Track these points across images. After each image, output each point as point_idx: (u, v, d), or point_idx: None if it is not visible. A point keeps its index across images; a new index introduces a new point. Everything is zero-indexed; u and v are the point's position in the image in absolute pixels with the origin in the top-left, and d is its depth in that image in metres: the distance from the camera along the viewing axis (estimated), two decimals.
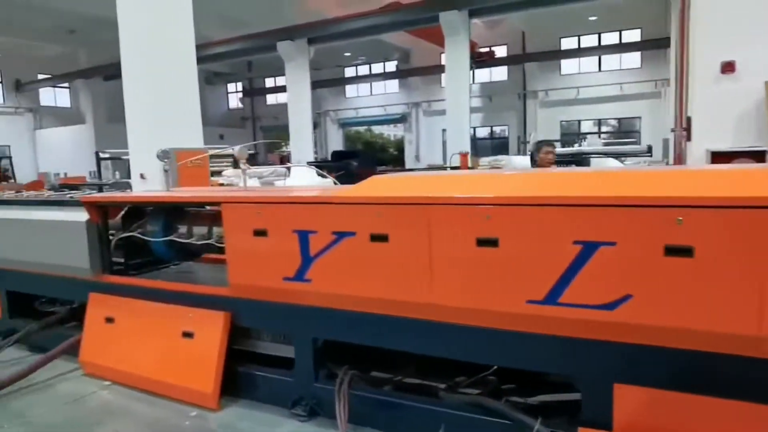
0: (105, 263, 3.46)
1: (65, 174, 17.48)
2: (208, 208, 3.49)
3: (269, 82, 30.75)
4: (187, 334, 3.00)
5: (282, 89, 30.03)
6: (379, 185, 2.54)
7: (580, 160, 9.00)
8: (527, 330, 2.22)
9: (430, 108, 27.40)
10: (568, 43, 23.93)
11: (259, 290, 2.81)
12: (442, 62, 25.89)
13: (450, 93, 17.68)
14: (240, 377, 2.99)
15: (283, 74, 28.97)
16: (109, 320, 3.34)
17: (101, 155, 11.76)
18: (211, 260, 3.77)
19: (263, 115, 31.13)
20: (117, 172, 12.06)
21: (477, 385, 2.74)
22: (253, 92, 31.51)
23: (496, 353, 2.35)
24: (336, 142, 29.25)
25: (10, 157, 17.35)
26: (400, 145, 30.05)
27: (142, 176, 7.05)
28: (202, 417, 2.86)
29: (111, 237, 3.55)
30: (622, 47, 22.71)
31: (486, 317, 2.25)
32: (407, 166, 25.23)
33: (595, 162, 10.80)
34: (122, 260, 3.63)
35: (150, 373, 3.12)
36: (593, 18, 21.83)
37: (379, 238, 2.39)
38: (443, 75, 26.49)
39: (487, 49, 24.41)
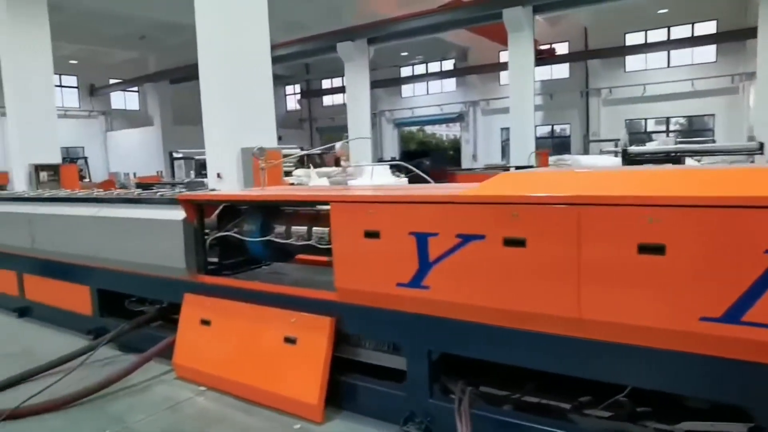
0: (200, 263, 3.36)
1: (134, 174, 18.11)
2: (302, 207, 3.34)
3: (326, 84, 31.04)
4: (290, 340, 2.84)
5: (338, 90, 30.19)
6: (510, 182, 2.29)
7: (677, 158, 8.37)
8: (697, 351, 1.90)
9: (489, 107, 26.88)
10: (633, 39, 22.82)
11: (369, 296, 2.61)
12: (502, 60, 25.42)
13: (513, 91, 17.19)
14: (343, 387, 2.80)
15: (340, 75, 29.19)
16: (205, 322, 3.24)
17: (174, 155, 12.02)
18: (305, 261, 3.61)
19: (320, 116, 31.42)
20: (192, 172, 12.26)
21: (608, 407, 2.44)
22: (311, 94, 31.88)
23: (654, 376, 2.04)
24: (391, 142, 29.14)
25: (86, 158, 18.18)
26: (455, 145, 29.60)
27: (218, 175, 7.08)
28: (308, 431, 2.69)
29: (205, 236, 3.45)
30: (694, 41, 21.42)
31: (648, 335, 1.95)
32: (463, 166, 24.78)
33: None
34: (216, 260, 3.53)
35: (248, 379, 2.98)
36: (663, 11, 20.72)
37: (515, 242, 2.14)
38: (502, 73, 26.08)
39: (547, 47, 23.71)
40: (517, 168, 14.88)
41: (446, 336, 2.44)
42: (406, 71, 29.17)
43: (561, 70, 25.21)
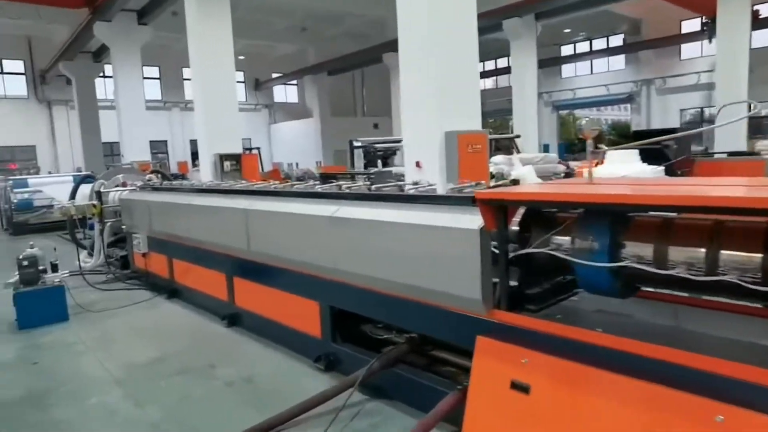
0: (504, 294, 2.29)
1: (296, 164, 18.28)
2: (673, 215, 2.10)
3: None
4: None
5: (488, 74, 28.45)
6: None
7: None
8: None
9: (665, 85, 23.46)
10: None
11: None
12: (682, 31, 21.89)
13: (721, 63, 14.38)
14: None
15: (491, 59, 27.44)
16: (519, 387, 2.15)
17: (354, 144, 11.56)
18: (651, 297, 2.37)
19: None
20: (379, 162, 11.63)
21: None
22: None
23: None
24: (548, 126, 26.81)
25: (258, 148, 18.69)
26: (620, 130, 26.38)
27: (417, 164, 6.21)
28: None
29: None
30: None
31: None
32: None
33: None
34: (514, 284, 2.43)
35: None
36: None
37: None
38: (684, 46, 22.46)
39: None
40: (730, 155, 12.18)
41: None
42: (566, 50, 26.56)
43: (765, 37, 21.01)
